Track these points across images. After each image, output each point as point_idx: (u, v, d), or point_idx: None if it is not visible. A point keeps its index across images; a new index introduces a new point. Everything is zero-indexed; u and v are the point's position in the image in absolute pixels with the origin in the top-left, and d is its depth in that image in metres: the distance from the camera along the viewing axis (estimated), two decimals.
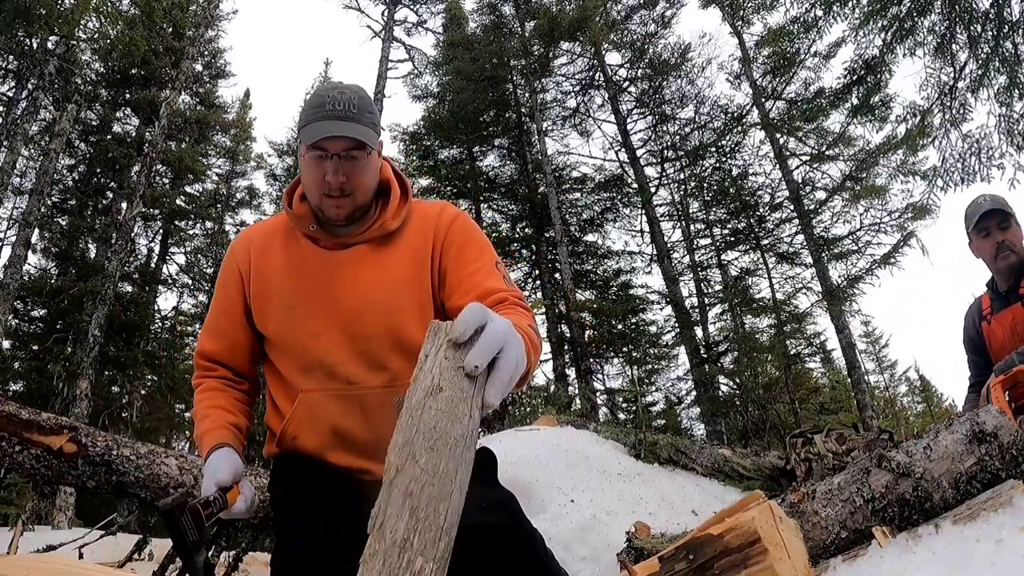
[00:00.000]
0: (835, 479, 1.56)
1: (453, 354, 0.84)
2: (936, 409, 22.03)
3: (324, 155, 1.31)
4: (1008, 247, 2.52)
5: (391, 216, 1.41)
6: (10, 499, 9.03)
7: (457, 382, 0.83)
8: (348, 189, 1.34)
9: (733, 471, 3.67)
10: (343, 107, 1.31)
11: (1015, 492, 1.21)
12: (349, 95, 1.33)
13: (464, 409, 0.82)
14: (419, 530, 0.73)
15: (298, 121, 1.41)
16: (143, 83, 15.42)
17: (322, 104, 1.31)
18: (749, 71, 12.72)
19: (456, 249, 1.41)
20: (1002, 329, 2.59)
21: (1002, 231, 2.53)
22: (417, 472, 0.76)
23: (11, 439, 2.29)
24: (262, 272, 1.43)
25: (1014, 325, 2.54)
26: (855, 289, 11.23)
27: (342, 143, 1.31)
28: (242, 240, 1.51)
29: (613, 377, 16.13)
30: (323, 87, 1.38)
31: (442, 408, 0.80)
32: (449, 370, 0.83)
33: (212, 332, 1.50)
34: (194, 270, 17.21)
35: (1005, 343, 2.55)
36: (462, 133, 15.19)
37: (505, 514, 1.35)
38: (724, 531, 1.12)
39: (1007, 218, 2.54)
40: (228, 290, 1.48)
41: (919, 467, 1.43)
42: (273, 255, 1.44)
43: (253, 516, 2.57)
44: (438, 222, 1.44)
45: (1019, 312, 2.53)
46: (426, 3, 18.09)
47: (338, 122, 1.29)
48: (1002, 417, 1.46)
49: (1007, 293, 2.59)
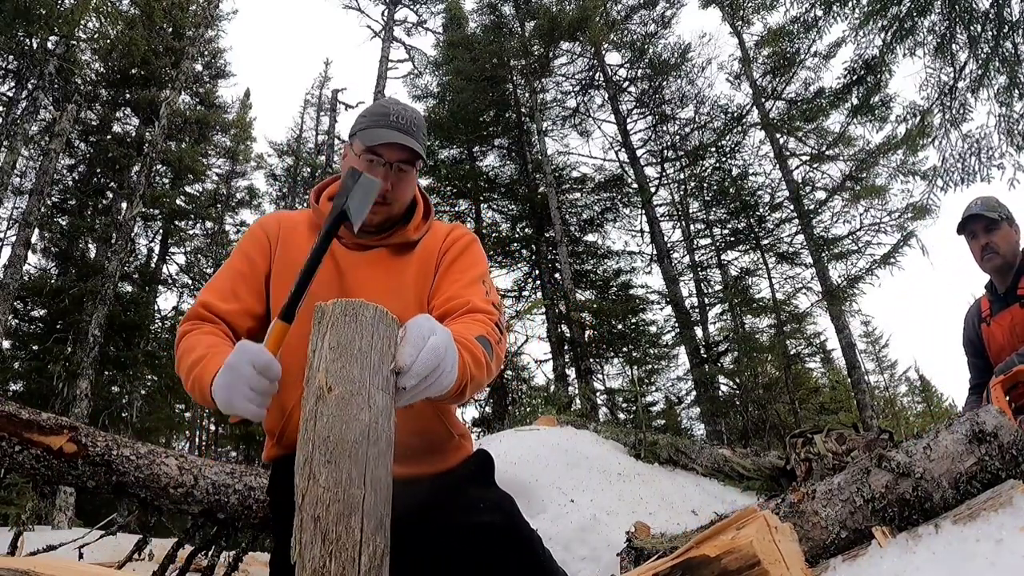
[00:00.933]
0: (835, 479, 1.56)
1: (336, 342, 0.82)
2: (936, 409, 22.02)
3: (378, 161, 1.38)
4: (992, 249, 2.55)
5: (413, 228, 1.48)
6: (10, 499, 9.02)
7: (345, 375, 0.79)
8: (391, 199, 1.40)
9: (733, 471, 3.67)
10: (406, 122, 1.40)
11: (1015, 492, 1.21)
12: (412, 114, 1.43)
13: (360, 402, 0.79)
14: (333, 553, 0.72)
15: (353, 125, 1.48)
16: (143, 83, 15.41)
17: (386, 114, 1.40)
18: (749, 71, 12.72)
19: (451, 259, 1.47)
20: (1001, 331, 2.59)
21: (987, 233, 2.57)
22: (319, 492, 0.74)
23: (11, 439, 2.29)
24: (287, 253, 1.45)
25: (1013, 326, 2.54)
26: (855, 289, 11.23)
27: (399, 153, 1.39)
28: (272, 218, 1.54)
29: (613, 377, 16.15)
30: (385, 100, 1.48)
31: (333, 413, 0.77)
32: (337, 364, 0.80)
33: (223, 293, 1.40)
34: (194, 270, 17.21)
35: (1005, 344, 2.54)
36: (462, 133, 15.19)
37: (502, 515, 1.36)
38: (721, 553, 1.11)
39: (993, 221, 2.57)
40: (252, 255, 1.45)
41: (919, 467, 1.43)
42: (299, 242, 1.46)
43: (253, 516, 2.57)
44: (447, 237, 1.52)
45: (1018, 313, 2.53)
46: (426, 3, 18.12)
47: (400, 134, 1.38)
48: (1002, 417, 1.46)
49: (1005, 295, 2.59)
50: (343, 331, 0.82)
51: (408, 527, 1.03)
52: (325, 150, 19.82)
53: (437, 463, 1.41)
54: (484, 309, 1.33)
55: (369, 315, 0.85)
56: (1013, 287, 2.57)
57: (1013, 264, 2.58)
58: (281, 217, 1.54)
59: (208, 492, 2.50)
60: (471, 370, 1.12)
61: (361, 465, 0.76)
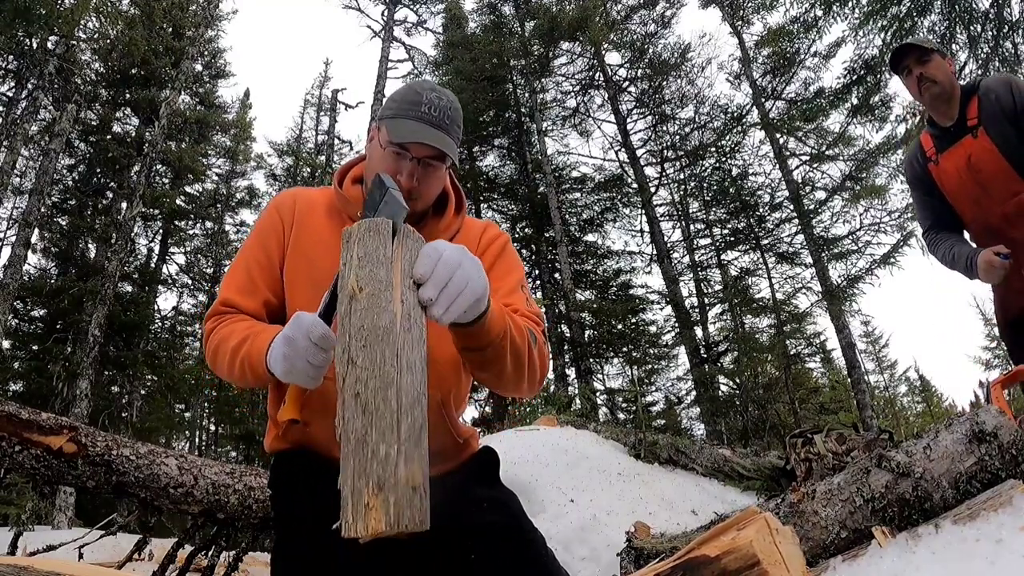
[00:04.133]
0: (835, 479, 1.56)
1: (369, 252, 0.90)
2: (936, 409, 22.02)
3: (404, 155, 1.29)
4: (929, 78, 2.43)
5: (444, 227, 1.41)
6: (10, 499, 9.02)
7: (373, 276, 0.88)
8: (416, 195, 1.31)
9: (733, 471, 3.67)
10: (439, 113, 1.30)
11: (1015, 492, 1.21)
12: (446, 103, 1.32)
13: (387, 297, 0.88)
14: (374, 422, 0.80)
15: (383, 109, 1.37)
16: (143, 83, 15.41)
17: (418, 103, 1.29)
18: (749, 71, 12.73)
19: (489, 263, 1.40)
20: (954, 166, 2.44)
21: (921, 65, 2.45)
22: (359, 372, 0.83)
23: (11, 439, 2.29)
24: (302, 236, 1.38)
25: (968, 158, 2.39)
26: (855, 289, 11.24)
27: (427, 150, 1.29)
28: (288, 196, 1.45)
29: (613, 377, 16.15)
30: (420, 84, 1.36)
31: (364, 306, 0.86)
32: (364, 269, 0.89)
33: (243, 288, 1.35)
34: (194, 270, 17.22)
35: (961, 181, 2.42)
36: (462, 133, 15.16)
37: (506, 514, 1.35)
38: (721, 553, 1.11)
39: (925, 52, 2.46)
40: (268, 243, 1.38)
41: (919, 467, 1.43)
42: (315, 225, 1.39)
43: (253, 516, 2.57)
44: (481, 237, 1.46)
45: (971, 144, 2.39)
46: (426, 3, 18.11)
47: (431, 128, 1.28)
48: (1002, 417, 1.46)
49: (954, 128, 2.44)
50: (368, 243, 0.91)
51: None
52: (325, 150, 19.82)
53: (441, 465, 1.40)
54: (531, 316, 1.32)
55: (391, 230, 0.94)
56: (961, 119, 2.43)
57: (952, 94, 2.44)
58: (298, 195, 1.45)
59: (208, 492, 2.50)
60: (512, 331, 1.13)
61: (394, 347, 0.84)
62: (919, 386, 24.71)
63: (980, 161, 2.37)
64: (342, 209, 1.40)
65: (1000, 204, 2.36)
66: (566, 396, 12.04)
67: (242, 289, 1.34)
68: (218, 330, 1.29)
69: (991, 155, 2.35)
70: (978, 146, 2.38)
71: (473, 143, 15.92)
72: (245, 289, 1.35)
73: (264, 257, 1.37)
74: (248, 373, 1.19)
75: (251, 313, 1.33)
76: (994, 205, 2.38)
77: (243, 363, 1.19)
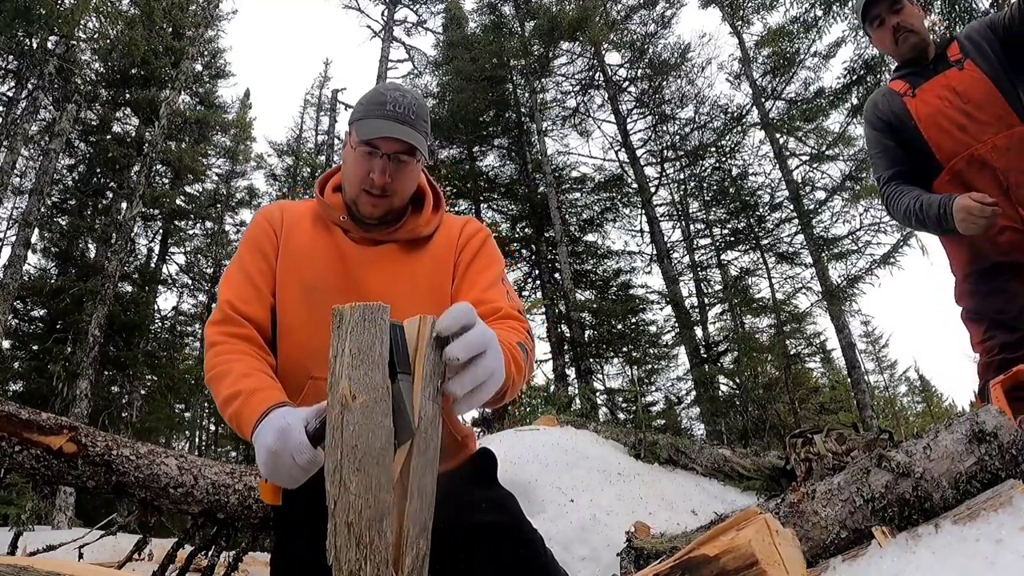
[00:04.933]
0: (835, 479, 1.56)
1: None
2: (936, 409, 22.03)
3: (375, 153, 1.33)
4: (905, 28, 2.29)
5: (424, 223, 1.44)
6: (10, 499, 9.03)
7: (368, 382, 0.79)
8: (390, 190, 1.35)
9: (733, 471, 3.67)
10: (403, 110, 1.33)
11: (1015, 492, 1.21)
12: (410, 99, 1.35)
13: (384, 408, 0.79)
14: (368, 557, 0.74)
15: (352, 113, 1.42)
16: (143, 83, 15.40)
17: (383, 103, 1.33)
18: (749, 71, 12.73)
19: (469, 258, 1.44)
20: (935, 94, 2.24)
21: (895, 14, 2.31)
22: (351, 499, 0.76)
23: (11, 439, 2.29)
24: (290, 245, 1.41)
25: (952, 88, 2.21)
26: (855, 289, 11.24)
27: (396, 145, 1.33)
28: (275, 207, 1.49)
29: (613, 377, 16.15)
30: (384, 86, 1.40)
31: (358, 420, 0.77)
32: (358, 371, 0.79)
33: (245, 295, 1.37)
34: (194, 270, 17.22)
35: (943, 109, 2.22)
36: (462, 133, 15.19)
37: (504, 514, 1.35)
38: (720, 553, 1.11)
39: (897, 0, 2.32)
40: (264, 250, 1.41)
41: (919, 467, 1.43)
42: (303, 232, 1.43)
43: (253, 516, 2.57)
44: (462, 232, 1.48)
45: (956, 75, 2.22)
46: (426, 3, 18.11)
47: (397, 124, 1.32)
48: (1002, 417, 1.46)
49: (934, 64, 2.30)
50: (363, 338, 0.81)
51: None
52: (325, 150, 19.82)
53: (439, 465, 1.40)
54: (516, 316, 1.33)
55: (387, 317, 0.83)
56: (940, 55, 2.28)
57: (928, 40, 2.32)
58: (284, 207, 1.49)
59: (208, 492, 2.50)
60: (514, 375, 1.11)
61: (390, 471, 0.78)
62: (919, 386, 24.74)
63: (968, 89, 2.19)
64: (325, 216, 1.44)
65: (992, 133, 2.15)
66: (566, 396, 12.03)
67: (246, 296, 1.36)
68: (218, 352, 1.28)
69: (980, 83, 2.18)
70: (965, 76, 2.21)
71: (473, 143, 15.91)
72: (248, 298, 1.36)
73: (264, 263, 1.40)
74: (236, 430, 1.20)
75: (256, 320, 1.34)
76: (983, 133, 2.16)
77: (232, 419, 1.19)
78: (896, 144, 2.34)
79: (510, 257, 15.13)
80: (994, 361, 2.22)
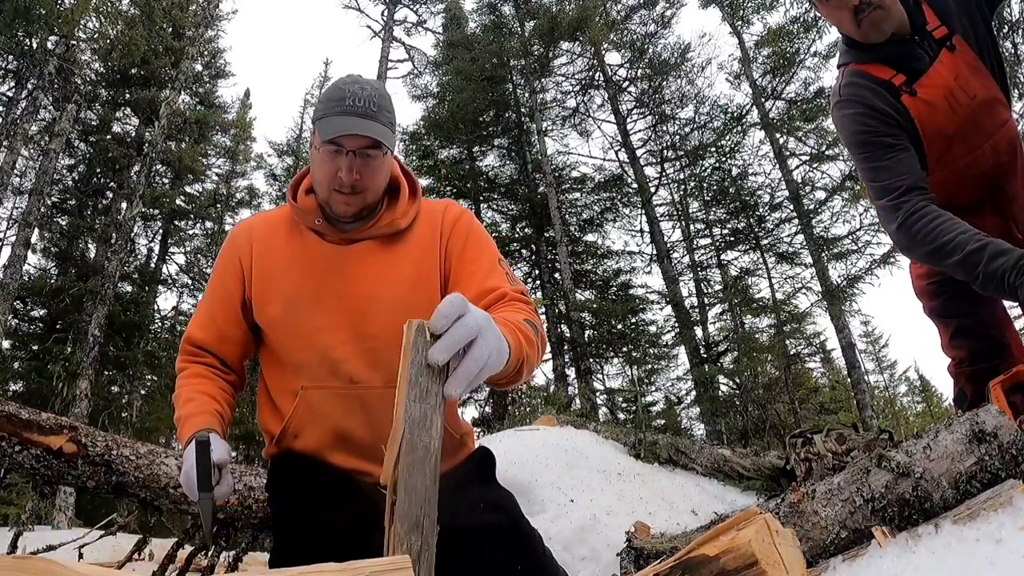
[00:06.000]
0: (835, 479, 1.56)
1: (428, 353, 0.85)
2: (936, 409, 22.03)
3: (339, 151, 1.29)
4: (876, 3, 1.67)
5: (400, 214, 1.40)
6: (10, 499, 9.03)
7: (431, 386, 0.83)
8: (360, 187, 1.32)
9: (733, 471, 3.67)
10: (363, 104, 1.28)
11: (1015, 492, 1.21)
12: (370, 91, 1.30)
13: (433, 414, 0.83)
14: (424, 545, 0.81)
15: (314, 112, 1.38)
16: (143, 83, 15.41)
17: (342, 98, 1.29)
18: (749, 71, 12.73)
19: (460, 246, 1.41)
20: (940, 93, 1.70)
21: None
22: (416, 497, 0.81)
23: (11, 439, 2.29)
24: (264, 263, 1.40)
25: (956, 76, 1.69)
26: (855, 289, 11.25)
27: (359, 141, 1.28)
28: (243, 229, 1.47)
29: (613, 377, 16.14)
30: (343, 80, 1.35)
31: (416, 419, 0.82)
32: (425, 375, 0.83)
33: (203, 320, 1.46)
34: (194, 270, 17.21)
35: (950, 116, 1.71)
36: (462, 133, 15.18)
37: (503, 514, 1.35)
38: (720, 553, 1.11)
39: None
40: (225, 280, 1.43)
41: (919, 467, 1.43)
42: (277, 246, 1.41)
43: (253, 516, 2.57)
44: (443, 220, 1.44)
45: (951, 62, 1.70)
46: (426, 3, 18.11)
47: (357, 119, 1.27)
48: (1002, 417, 1.46)
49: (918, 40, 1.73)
50: None
51: None
52: None
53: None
54: (520, 298, 1.31)
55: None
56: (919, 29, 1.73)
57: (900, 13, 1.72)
58: (254, 224, 1.47)
59: None
60: (526, 349, 1.10)
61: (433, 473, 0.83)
62: (919, 386, 24.74)
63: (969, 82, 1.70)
64: (300, 220, 1.42)
65: (988, 137, 1.73)
66: (566, 396, 12.04)
67: (202, 324, 1.47)
68: (181, 377, 1.45)
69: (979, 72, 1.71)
70: (961, 62, 1.71)
71: (473, 143, 15.91)
72: (204, 323, 1.47)
73: (224, 293, 1.44)
74: None
75: (210, 348, 1.46)
76: (983, 139, 1.73)
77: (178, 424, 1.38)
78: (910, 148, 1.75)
79: (510, 257, 15.14)
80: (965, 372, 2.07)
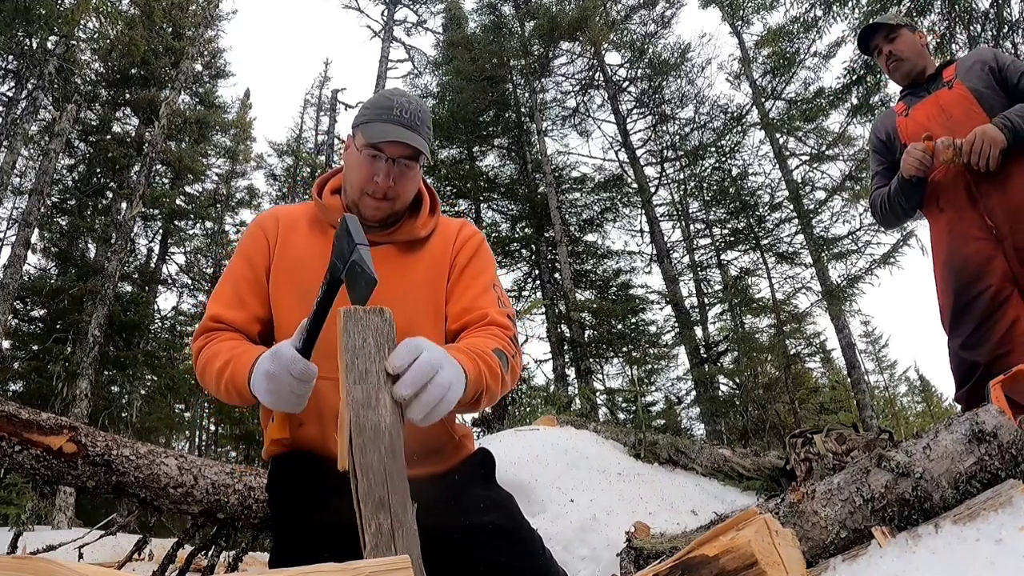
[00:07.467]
0: (835, 479, 1.56)
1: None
2: (936, 409, 22.04)
3: (379, 156, 1.35)
4: (896, 57, 2.47)
5: (421, 225, 1.45)
6: (10, 499, 9.02)
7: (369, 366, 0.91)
8: (392, 194, 1.37)
9: (733, 471, 3.67)
10: (409, 116, 1.36)
11: (1015, 492, 1.21)
12: (416, 105, 1.39)
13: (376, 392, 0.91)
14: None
15: (356, 117, 1.44)
16: (143, 83, 15.40)
17: (389, 107, 1.36)
18: (749, 71, 12.72)
19: (465, 261, 1.47)
20: (924, 113, 2.41)
21: (889, 43, 2.49)
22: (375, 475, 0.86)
23: (11, 439, 2.29)
24: (286, 251, 1.43)
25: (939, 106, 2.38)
26: (855, 289, 11.23)
27: (401, 149, 1.35)
28: (270, 215, 1.50)
29: (613, 377, 16.13)
30: (390, 91, 1.43)
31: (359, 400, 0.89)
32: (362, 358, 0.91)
33: (230, 301, 1.40)
34: (194, 270, 17.21)
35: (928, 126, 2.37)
36: (462, 133, 15.17)
37: (503, 514, 1.35)
38: (720, 553, 1.11)
39: (892, 29, 2.49)
40: (254, 259, 1.43)
41: (919, 467, 1.43)
42: (298, 238, 1.44)
43: (253, 516, 2.57)
44: (458, 236, 1.50)
45: (945, 94, 2.39)
46: (426, 3, 18.12)
47: (403, 129, 1.34)
48: (1002, 417, 1.46)
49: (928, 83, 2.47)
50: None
51: None
52: (325, 150, 19.81)
53: (437, 464, 1.41)
54: (501, 323, 1.35)
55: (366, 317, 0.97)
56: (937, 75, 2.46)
57: (923, 66, 2.48)
58: (279, 213, 1.50)
59: (208, 492, 2.50)
60: (487, 380, 1.16)
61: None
62: (919, 386, 24.75)
63: (951, 106, 2.34)
64: (323, 219, 1.45)
65: None
66: (566, 396, 12.03)
67: (230, 304, 1.39)
68: (205, 351, 1.34)
69: (965, 101, 2.32)
70: (952, 94, 2.36)
71: (473, 143, 15.90)
72: (233, 304, 1.39)
73: (250, 272, 1.42)
74: (235, 395, 1.24)
75: (239, 326, 1.37)
76: None
77: (228, 386, 1.24)
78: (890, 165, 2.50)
79: (510, 257, 15.13)
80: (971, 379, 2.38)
